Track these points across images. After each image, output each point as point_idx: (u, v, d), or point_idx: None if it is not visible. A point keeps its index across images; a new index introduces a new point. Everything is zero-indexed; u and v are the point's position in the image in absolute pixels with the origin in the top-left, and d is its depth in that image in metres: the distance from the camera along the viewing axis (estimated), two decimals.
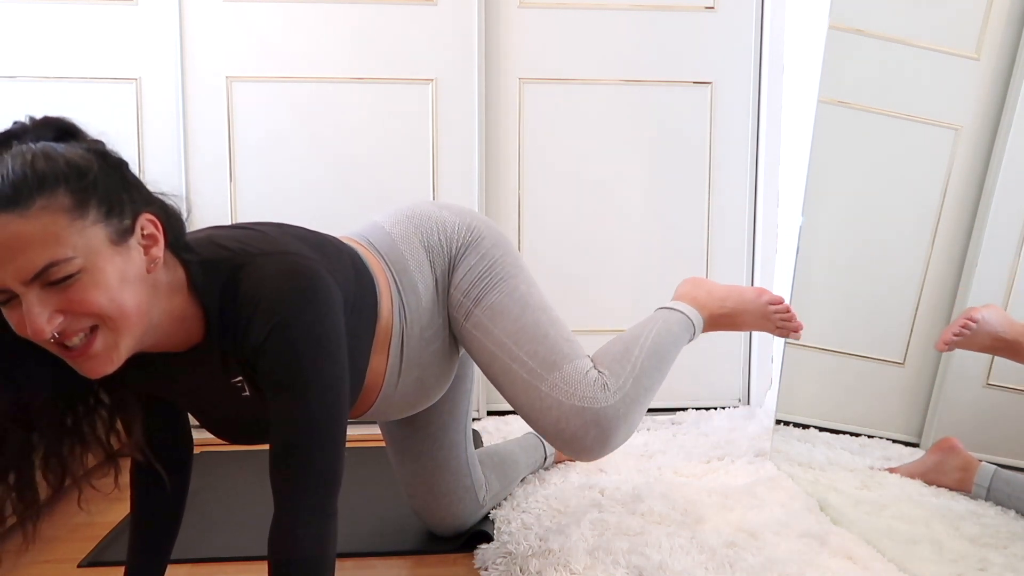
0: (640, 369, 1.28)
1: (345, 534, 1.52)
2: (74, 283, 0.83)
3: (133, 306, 0.88)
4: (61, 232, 0.82)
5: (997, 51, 2.06)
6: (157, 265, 0.91)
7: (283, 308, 0.93)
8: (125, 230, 0.88)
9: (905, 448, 2.07)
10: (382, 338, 1.21)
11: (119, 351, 0.88)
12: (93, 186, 0.85)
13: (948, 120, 2.09)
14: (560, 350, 1.25)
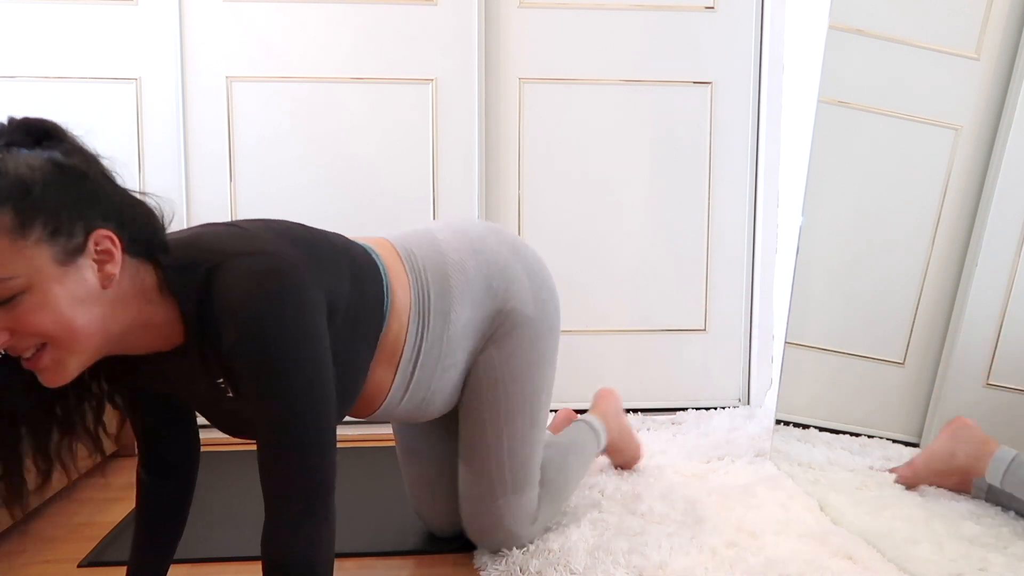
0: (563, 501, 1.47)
1: (345, 534, 1.52)
2: (18, 304, 0.81)
3: (83, 325, 0.85)
4: (3, 253, 0.80)
5: (997, 51, 2.06)
6: (112, 281, 0.88)
7: (254, 309, 0.90)
8: (75, 248, 0.85)
9: (905, 448, 2.07)
10: (389, 353, 1.19)
11: (68, 368, 0.87)
12: (39, 204, 0.82)
13: (948, 120, 2.09)
14: (532, 475, 1.36)
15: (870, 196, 2.13)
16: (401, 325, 1.19)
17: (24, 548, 1.46)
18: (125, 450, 2.00)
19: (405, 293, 1.20)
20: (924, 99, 2.09)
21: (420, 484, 1.48)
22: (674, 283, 2.38)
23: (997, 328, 1.80)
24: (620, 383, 2.36)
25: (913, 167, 2.11)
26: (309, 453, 0.93)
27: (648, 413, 2.32)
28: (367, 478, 1.83)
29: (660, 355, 2.39)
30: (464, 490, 1.38)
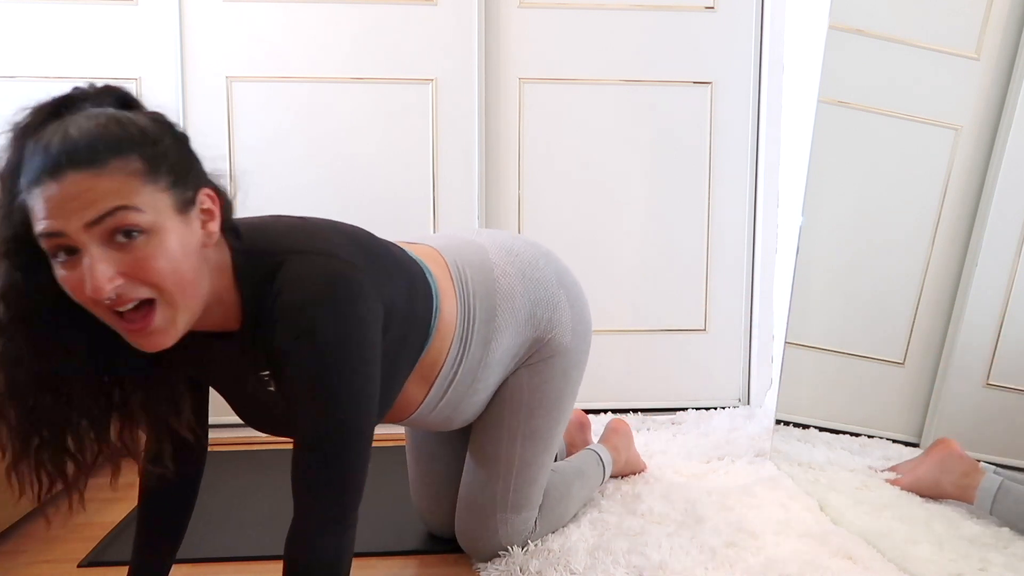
0: (559, 526, 1.45)
1: None
2: (138, 243, 0.80)
3: (191, 278, 0.85)
4: (133, 189, 0.80)
5: (997, 51, 2.06)
6: (212, 240, 0.90)
7: (313, 314, 0.90)
8: (187, 201, 0.86)
9: (905, 448, 2.07)
10: (426, 371, 1.20)
11: (176, 327, 0.86)
12: (164, 154, 0.84)
13: (948, 120, 2.09)
14: (533, 498, 1.37)
15: (870, 196, 2.13)
16: (443, 347, 1.19)
17: (24, 548, 1.46)
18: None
19: (451, 316, 1.19)
20: (924, 99, 2.10)
21: (426, 484, 1.48)
22: (674, 283, 2.38)
23: (997, 328, 1.80)
24: (620, 383, 2.37)
25: (913, 167, 2.11)
26: (346, 462, 0.94)
27: (648, 413, 2.32)
28: (367, 478, 1.82)
29: (660, 355, 2.39)
30: (465, 498, 1.38)
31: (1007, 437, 1.72)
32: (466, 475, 1.40)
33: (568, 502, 1.48)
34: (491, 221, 2.32)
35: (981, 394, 1.82)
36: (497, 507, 1.35)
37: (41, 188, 0.78)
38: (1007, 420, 1.73)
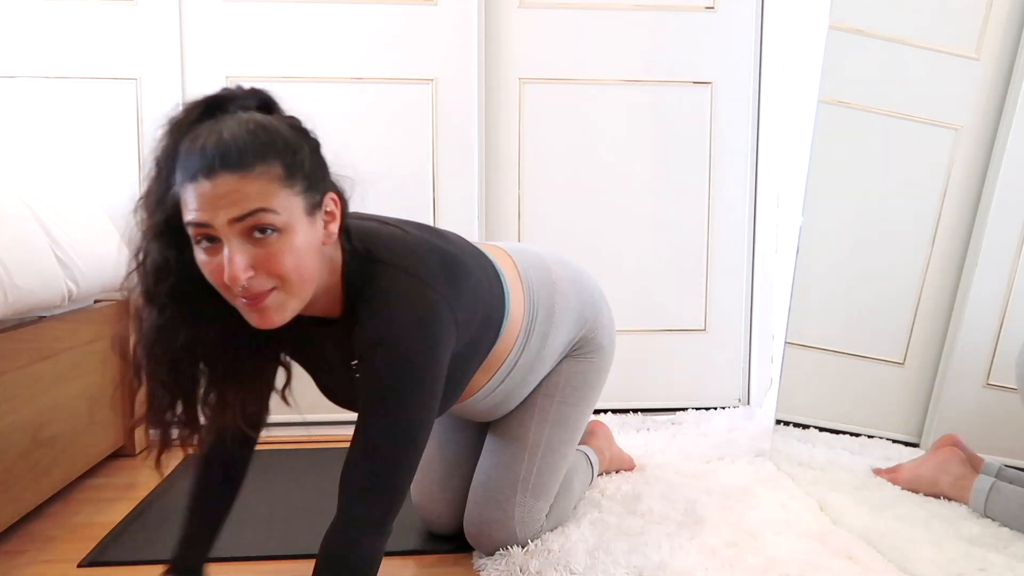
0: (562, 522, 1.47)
1: None
2: (271, 240, 0.91)
3: (310, 273, 0.96)
4: (273, 193, 0.91)
5: (997, 51, 2.06)
6: (331, 239, 1.01)
7: (394, 332, 1.00)
8: (315, 205, 0.97)
9: (905, 448, 2.07)
10: (490, 363, 1.30)
11: (287, 310, 0.96)
12: (301, 163, 0.95)
13: (948, 120, 2.09)
14: (552, 487, 1.40)
15: (870, 196, 2.13)
16: (509, 341, 1.30)
17: (24, 548, 1.46)
18: (125, 450, 2.00)
19: (519, 313, 1.30)
20: (924, 99, 2.10)
21: (432, 471, 1.49)
22: (674, 283, 2.38)
23: (997, 328, 1.80)
24: (620, 383, 2.37)
25: (913, 167, 2.11)
26: (396, 471, 1.01)
27: (648, 413, 2.32)
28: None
29: (660, 355, 2.39)
30: (484, 481, 1.40)
31: (1007, 437, 1.72)
32: (487, 458, 1.42)
33: (570, 497, 1.50)
34: (491, 221, 2.32)
35: (981, 394, 1.82)
36: (518, 488, 1.37)
37: (195, 184, 0.89)
38: (1007, 420, 1.73)
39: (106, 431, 1.91)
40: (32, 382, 1.58)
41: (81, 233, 1.82)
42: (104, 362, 1.91)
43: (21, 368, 1.53)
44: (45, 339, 1.63)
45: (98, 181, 2.17)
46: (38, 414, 1.60)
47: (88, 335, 1.82)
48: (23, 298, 1.51)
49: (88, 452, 1.81)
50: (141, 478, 1.85)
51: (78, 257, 1.74)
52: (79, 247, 1.76)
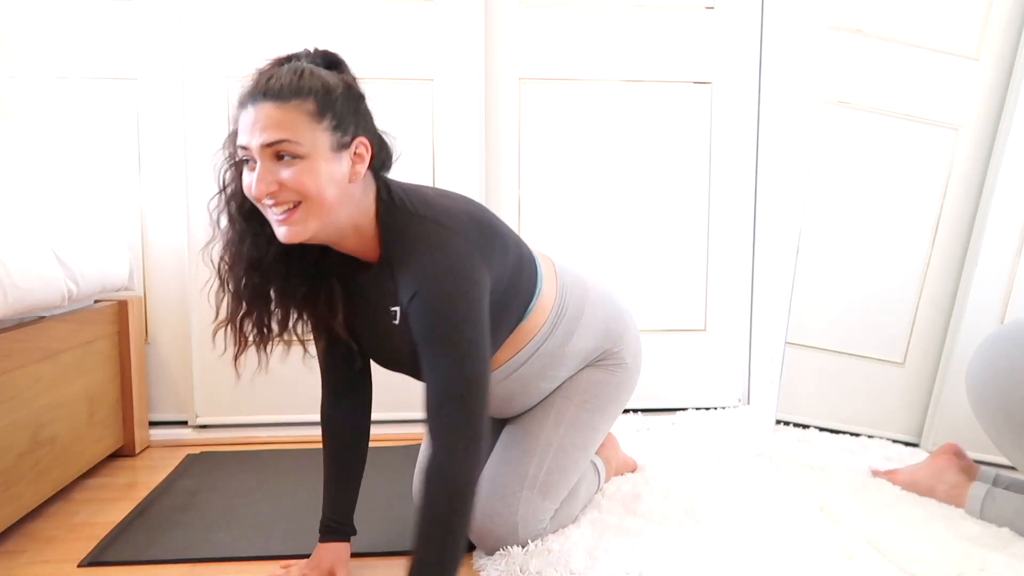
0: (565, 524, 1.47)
1: None
2: (294, 165, 1.08)
3: (329, 197, 1.11)
4: (300, 126, 1.08)
5: (997, 51, 2.06)
6: (357, 179, 1.15)
7: (430, 279, 1.13)
8: (343, 144, 1.12)
9: (905, 448, 2.07)
10: (514, 341, 1.37)
11: (307, 228, 1.11)
12: (333, 104, 1.11)
13: (948, 120, 2.10)
14: (559, 490, 1.42)
15: (870, 196, 2.13)
16: (536, 322, 1.38)
17: (24, 548, 1.46)
18: (125, 450, 2.00)
19: (549, 301, 1.40)
20: (924, 99, 2.10)
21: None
22: (674, 283, 2.38)
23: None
24: None
25: (913, 167, 2.11)
26: (473, 399, 1.12)
27: (648, 413, 2.32)
28: (367, 478, 1.82)
29: (660, 355, 2.39)
30: (492, 474, 1.40)
31: None
32: (499, 452, 1.43)
33: (575, 504, 1.50)
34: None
35: None
36: (525, 484, 1.38)
37: (243, 111, 1.10)
38: None
39: (106, 431, 1.91)
40: (32, 382, 1.58)
41: (81, 233, 1.82)
42: (104, 362, 1.91)
43: (21, 368, 1.54)
44: (45, 339, 1.63)
45: (98, 181, 2.18)
46: (38, 414, 1.60)
47: (88, 335, 1.82)
48: (23, 298, 1.51)
49: (88, 452, 1.81)
50: (141, 478, 1.85)
51: (78, 257, 1.74)
52: (79, 247, 1.76)
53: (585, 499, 1.55)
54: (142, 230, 2.20)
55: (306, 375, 2.26)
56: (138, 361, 2.02)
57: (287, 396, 2.25)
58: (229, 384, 2.25)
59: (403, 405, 2.27)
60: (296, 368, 2.25)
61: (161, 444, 2.11)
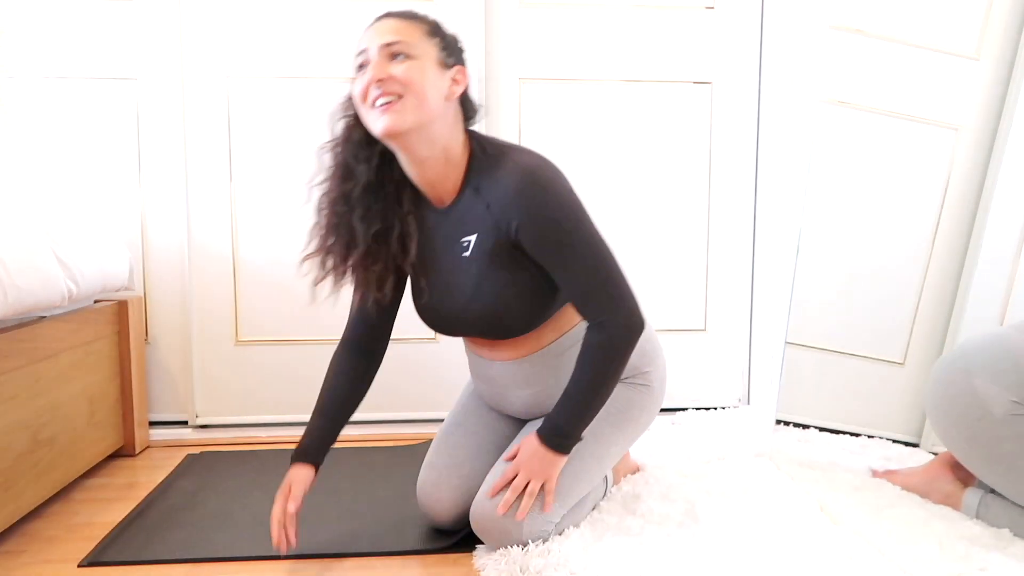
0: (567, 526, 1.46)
1: (345, 534, 1.53)
2: (405, 63, 1.27)
3: (429, 97, 1.27)
4: (416, 35, 1.29)
5: (997, 51, 2.06)
6: (452, 98, 1.32)
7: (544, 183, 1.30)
8: (447, 63, 1.31)
9: (905, 448, 2.07)
10: (562, 322, 1.44)
11: (405, 119, 1.26)
12: (443, 34, 1.34)
13: (948, 120, 2.10)
14: (569, 495, 1.42)
15: (870, 196, 2.13)
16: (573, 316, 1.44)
17: (24, 548, 1.46)
18: (125, 450, 2.00)
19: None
20: (924, 99, 2.10)
21: (448, 457, 1.51)
22: (674, 283, 2.38)
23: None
24: None
25: (913, 167, 2.11)
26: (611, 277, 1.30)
27: None
28: (367, 478, 1.83)
29: None
30: (505, 465, 1.41)
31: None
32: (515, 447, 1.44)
33: (582, 510, 1.50)
34: None
35: None
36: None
37: (368, 28, 1.33)
38: None
39: (106, 431, 1.91)
40: (32, 382, 1.58)
41: (81, 233, 1.82)
42: (104, 362, 1.91)
43: (21, 368, 1.54)
44: (45, 339, 1.63)
45: (98, 181, 2.18)
46: (38, 414, 1.60)
47: (88, 335, 1.82)
48: (23, 298, 1.51)
49: (88, 452, 1.81)
50: (141, 478, 1.85)
51: (78, 257, 1.74)
52: (79, 247, 1.76)
53: (591, 506, 1.55)
54: (142, 230, 2.20)
55: (306, 375, 2.26)
56: (138, 361, 2.02)
57: (287, 396, 2.25)
58: (229, 384, 2.25)
59: (403, 405, 2.27)
60: (297, 368, 2.26)
61: (161, 444, 2.11)
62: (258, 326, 2.24)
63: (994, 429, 1.51)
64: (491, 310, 1.36)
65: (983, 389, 1.53)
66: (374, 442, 2.12)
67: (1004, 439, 1.49)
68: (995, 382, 1.52)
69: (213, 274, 2.21)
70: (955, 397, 1.56)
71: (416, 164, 1.33)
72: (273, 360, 2.25)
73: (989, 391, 1.52)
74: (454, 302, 1.39)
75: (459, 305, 1.39)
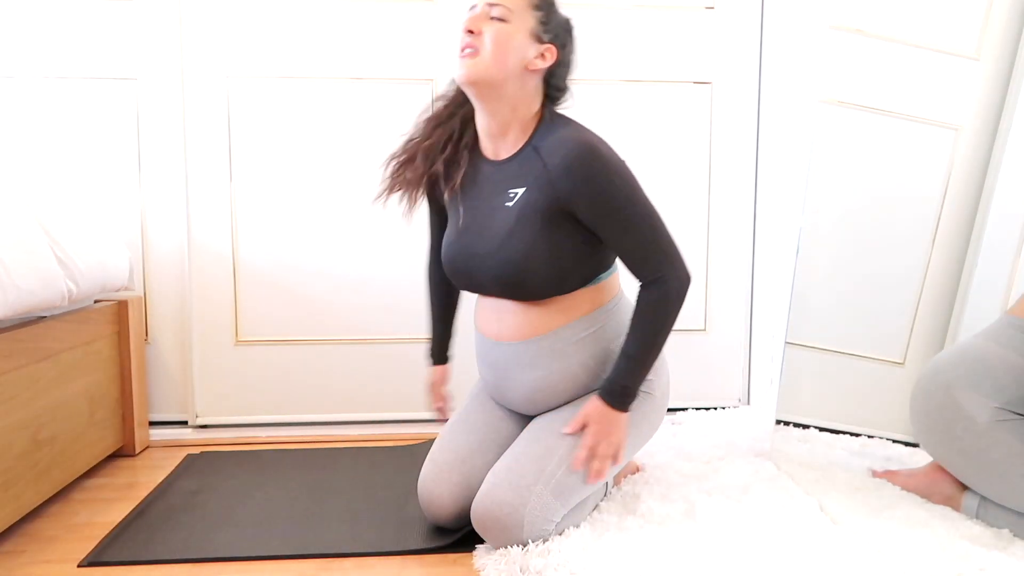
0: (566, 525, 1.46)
1: (345, 534, 1.53)
2: (497, 24, 1.42)
3: (507, 60, 1.41)
4: (520, 5, 1.43)
5: (997, 51, 2.06)
6: (533, 68, 1.44)
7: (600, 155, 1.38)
8: (538, 36, 1.44)
9: (905, 448, 2.07)
10: (577, 304, 1.49)
11: (479, 73, 1.41)
12: (547, 10, 1.46)
13: (948, 120, 2.10)
14: (571, 494, 1.43)
15: (870, 196, 2.13)
16: (599, 298, 1.50)
17: (24, 548, 1.47)
18: (125, 450, 2.00)
19: (614, 289, 1.54)
20: (924, 99, 2.10)
21: (450, 452, 1.51)
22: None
23: None
24: None
25: (913, 167, 2.11)
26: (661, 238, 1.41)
27: None
28: (367, 478, 1.83)
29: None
30: (509, 462, 1.42)
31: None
32: (520, 445, 1.45)
33: (582, 512, 1.51)
34: None
35: None
36: (541, 479, 1.38)
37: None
38: None
39: (106, 431, 1.91)
40: (32, 382, 1.58)
41: (81, 233, 1.82)
42: (104, 362, 1.91)
43: (21, 368, 1.54)
44: (45, 339, 1.63)
45: (98, 181, 2.18)
46: (38, 414, 1.60)
47: (88, 335, 1.82)
48: (23, 298, 1.51)
49: (88, 452, 1.81)
50: (141, 478, 1.85)
51: (78, 257, 1.74)
52: (79, 247, 1.76)
53: (591, 507, 1.56)
54: (142, 230, 2.20)
55: (306, 375, 2.26)
56: (138, 361, 2.02)
57: (287, 396, 2.25)
58: (229, 384, 2.25)
59: (403, 405, 2.28)
60: (297, 368, 2.26)
61: (161, 444, 2.11)
62: (258, 326, 2.24)
63: (981, 439, 1.53)
64: (515, 261, 1.42)
65: (965, 399, 1.56)
66: (374, 442, 2.12)
67: (991, 447, 1.51)
68: (975, 390, 1.56)
69: (213, 274, 2.21)
70: (939, 412, 1.60)
71: (485, 114, 1.47)
72: (273, 360, 2.25)
73: (971, 400, 1.56)
74: (483, 245, 1.47)
75: (486, 249, 1.46)
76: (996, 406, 1.52)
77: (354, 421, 2.26)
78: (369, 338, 2.26)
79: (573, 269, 1.46)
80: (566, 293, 1.47)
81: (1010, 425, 1.51)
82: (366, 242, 2.25)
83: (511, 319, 1.50)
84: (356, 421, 2.26)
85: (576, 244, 1.43)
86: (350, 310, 2.25)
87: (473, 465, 1.49)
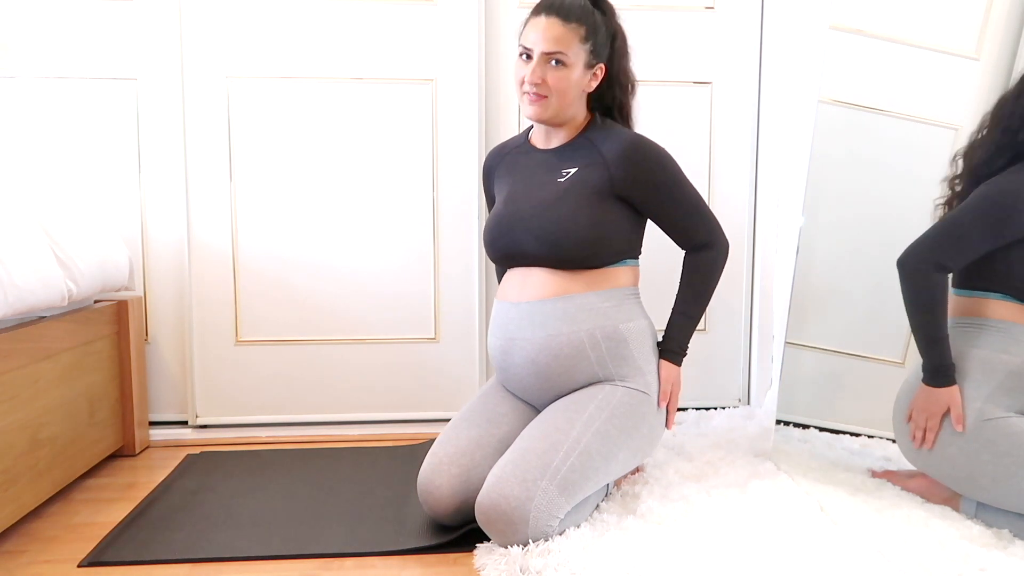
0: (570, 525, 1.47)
1: (345, 534, 1.53)
2: (559, 70, 1.54)
3: (570, 100, 1.58)
4: (573, 44, 1.54)
5: (997, 51, 2.06)
6: (590, 88, 1.60)
7: (652, 146, 1.59)
8: (592, 64, 1.58)
9: None
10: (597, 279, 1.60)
11: (548, 113, 1.57)
12: (596, 35, 1.57)
13: (948, 120, 2.09)
14: (576, 491, 1.44)
15: (870, 196, 2.13)
16: (619, 280, 1.63)
17: (24, 548, 1.47)
18: (125, 450, 2.00)
19: (634, 276, 1.69)
20: (924, 99, 2.10)
21: (452, 444, 1.52)
22: (674, 283, 2.37)
23: None
24: None
25: (913, 167, 2.11)
26: (704, 210, 1.64)
27: None
28: (367, 478, 1.83)
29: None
30: (515, 456, 1.42)
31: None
32: (527, 440, 1.46)
33: (585, 508, 1.51)
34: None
35: None
36: (547, 474, 1.39)
37: (534, 18, 1.56)
38: None
39: (106, 431, 1.91)
40: (32, 382, 1.58)
41: (81, 233, 1.82)
42: (104, 362, 1.91)
43: (21, 368, 1.54)
44: (45, 339, 1.63)
45: (98, 181, 2.18)
46: (38, 414, 1.60)
47: (88, 335, 1.82)
48: (23, 298, 1.51)
49: (88, 452, 1.81)
50: (141, 478, 1.85)
51: (78, 257, 1.74)
52: (79, 247, 1.76)
53: (592, 508, 1.56)
54: (142, 230, 2.20)
55: (306, 375, 2.26)
56: (138, 361, 2.02)
57: (287, 396, 2.25)
58: (229, 384, 2.25)
59: (403, 405, 2.28)
60: (297, 368, 2.26)
61: (161, 444, 2.11)
62: (258, 326, 2.24)
63: (968, 444, 1.53)
64: (559, 219, 1.54)
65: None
66: (374, 442, 2.12)
67: (980, 450, 1.52)
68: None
69: (213, 274, 2.21)
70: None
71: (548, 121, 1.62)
72: (273, 360, 2.25)
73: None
74: (529, 207, 1.59)
75: (531, 211, 1.58)
76: (978, 405, 1.53)
77: (354, 421, 2.26)
78: (369, 338, 2.26)
79: (609, 240, 1.58)
80: (596, 267, 1.58)
81: (994, 424, 1.52)
82: (366, 242, 2.25)
83: (535, 281, 1.59)
84: (356, 421, 2.26)
85: (618, 218, 1.58)
86: (350, 310, 2.25)
87: (473, 458, 1.50)
